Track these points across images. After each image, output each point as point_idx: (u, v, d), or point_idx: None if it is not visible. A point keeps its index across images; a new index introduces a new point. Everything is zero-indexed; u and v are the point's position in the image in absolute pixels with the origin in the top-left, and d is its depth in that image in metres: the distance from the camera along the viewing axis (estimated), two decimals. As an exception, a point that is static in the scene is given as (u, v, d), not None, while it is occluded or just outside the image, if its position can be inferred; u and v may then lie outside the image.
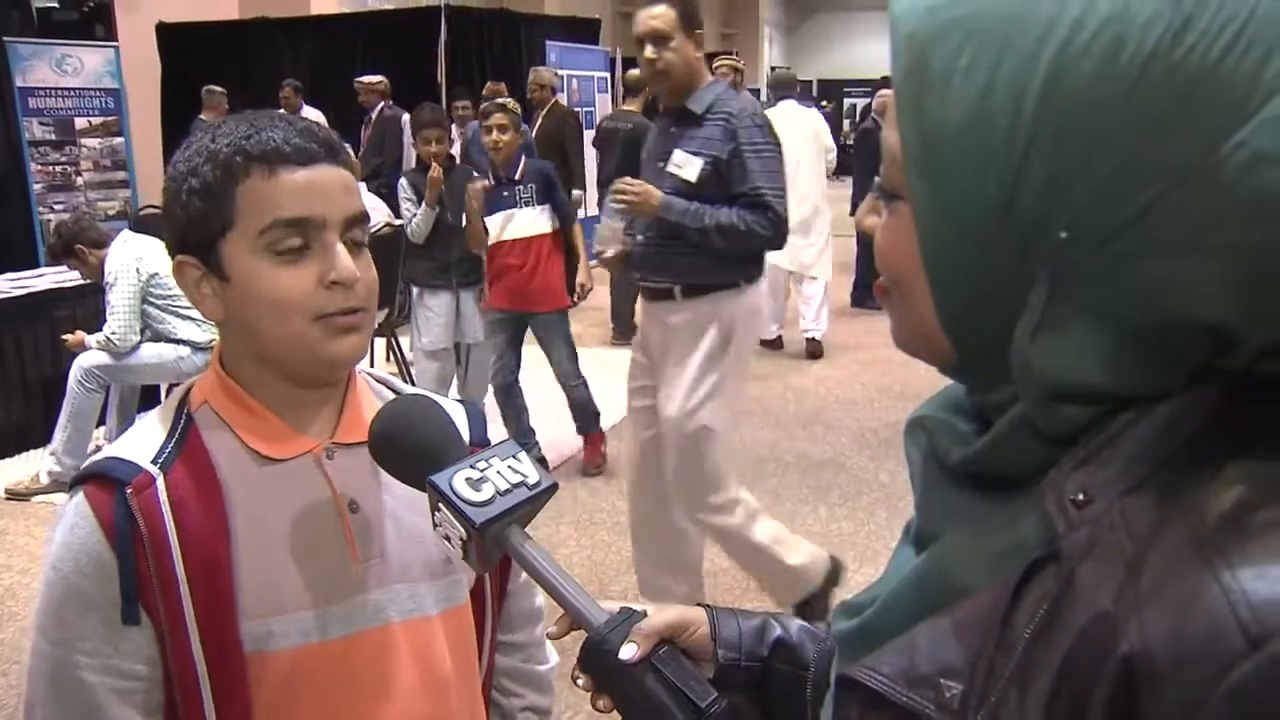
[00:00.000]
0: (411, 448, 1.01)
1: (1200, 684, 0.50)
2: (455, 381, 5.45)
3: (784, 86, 7.98)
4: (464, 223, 5.04)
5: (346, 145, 1.16)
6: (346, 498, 1.15)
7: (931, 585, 0.66)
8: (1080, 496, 0.59)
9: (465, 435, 1.15)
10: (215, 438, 1.13)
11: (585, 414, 5.50)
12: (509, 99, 5.35)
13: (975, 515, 0.66)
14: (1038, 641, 0.57)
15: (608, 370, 7.20)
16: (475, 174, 5.06)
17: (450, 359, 5.35)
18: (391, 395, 1.26)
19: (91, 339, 4.98)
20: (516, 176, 5.02)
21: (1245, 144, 0.53)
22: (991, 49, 0.58)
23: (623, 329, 8.54)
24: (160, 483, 1.08)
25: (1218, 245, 0.54)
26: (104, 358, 5.00)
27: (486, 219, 4.94)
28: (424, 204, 5.13)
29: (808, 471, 5.43)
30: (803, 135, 7.40)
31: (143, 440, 1.12)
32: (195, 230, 1.09)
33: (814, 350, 7.75)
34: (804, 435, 6.01)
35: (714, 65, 8.78)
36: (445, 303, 5.27)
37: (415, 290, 5.36)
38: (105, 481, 1.08)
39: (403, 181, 5.33)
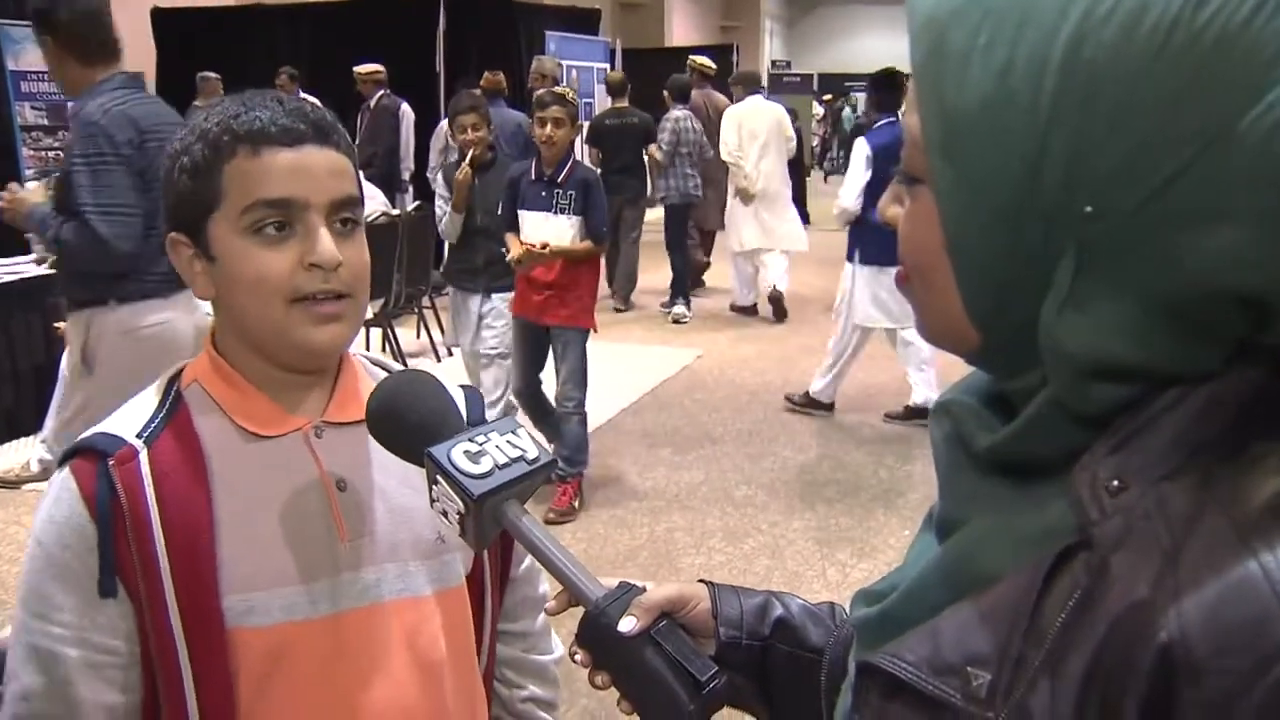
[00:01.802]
0: (409, 422, 1.00)
1: (1244, 674, 0.49)
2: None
3: (750, 83, 9.13)
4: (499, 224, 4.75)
5: (341, 128, 1.14)
6: (335, 476, 1.15)
7: (956, 572, 0.65)
8: (1115, 483, 0.58)
9: (464, 416, 1.13)
10: (203, 415, 1.13)
11: (574, 449, 4.83)
12: (566, 89, 4.95)
13: (1002, 501, 0.65)
14: (1069, 631, 0.56)
15: (606, 359, 7.18)
16: (527, 168, 4.71)
17: (477, 363, 5.06)
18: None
19: (83, 326, 4.93)
20: (560, 178, 4.62)
21: (1276, 105, 0.52)
22: (1010, 25, 0.57)
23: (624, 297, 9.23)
24: (143, 456, 1.08)
25: (1246, 212, 0.53)
26: (96, 345, 4.95)
27: (521, 213, 4.64)
28: (450, 207, 4.83)
29: (805, 467, 5.41)
30: (768, 126, 8.65)
31: (131, 416, 1.13)
32: (185, 208, 1.10)
33: (779, 312, 8.81)
34: (801, 429, 5.98)
35: (695, 65, 9.44)
36: (472, 306, 5.02)
37: (452, 290, 5.18)
38: (90, 454, 1.09)
39: (439, 176, 5.05)
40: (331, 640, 1.13)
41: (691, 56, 10.03)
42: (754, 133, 8.56)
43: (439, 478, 0.93)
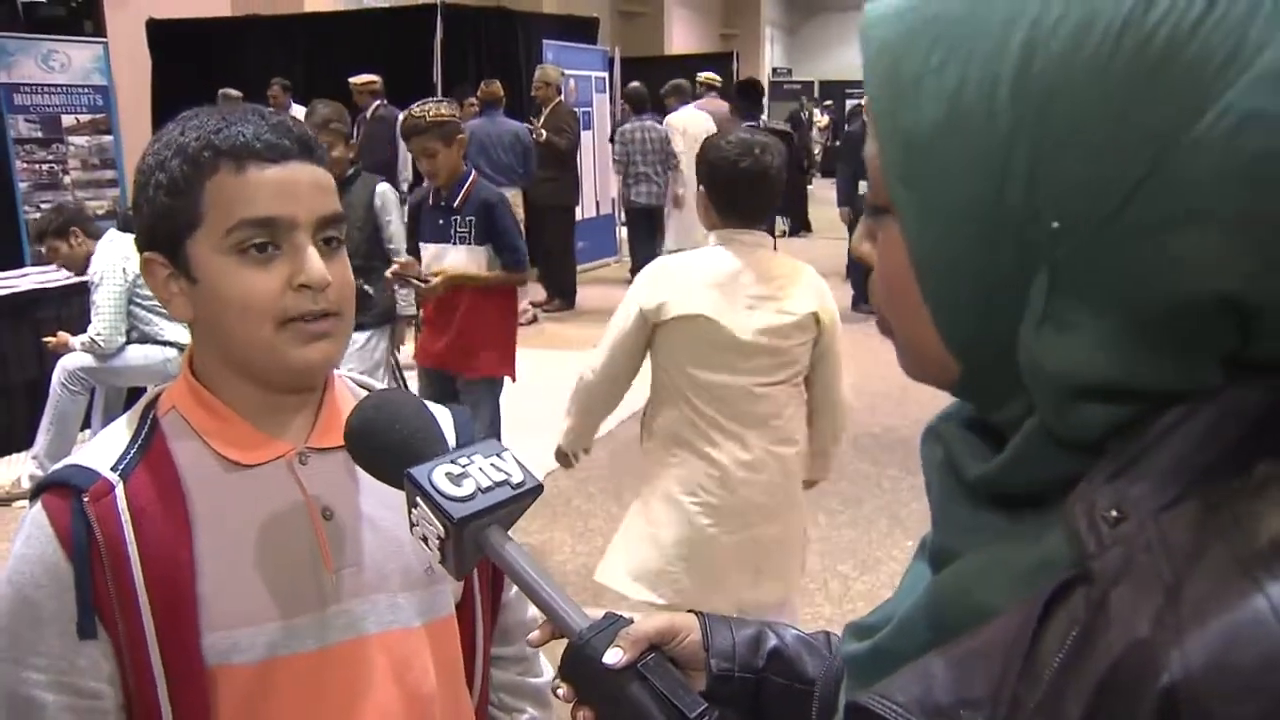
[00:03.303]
0: (390, 442, 0.97)
1: (1254, 717, 0.47)
2: None
3: (681, 95, 9.81)
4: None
5: (322, 144, 1.12)
6: (320, 504, 1.11)
7: (949, 606, 0.63)
8: (1113, 513, 0.55)
9: (452, 442, 1.09)
10: (181, 444, 1.09)
11: None
12: (436, 105, 4.07)
13: (996, 532, 0.63)
14: (1066, 672, 0.53)
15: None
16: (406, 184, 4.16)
17: None
18: None
19: (75, 340, 4.90)
20: (457, 203, 3.99)
21: (1233, 106, 0.51)
22: (962, 44, 0.56)
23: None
24: (119, 490, 1.04)
25: (1215, 214, 0.52)
26: (88, 359, 4.92)
27: (422, 246, 4.09)
28: None
29: (807, 478, 5.34)
30: (699, 135, 9.32)
31: (106, 447, 1.09)
32: (162, 227, 1.06)
33: None
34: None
35: (696, 80, 9.90)
36: None
37: None
38: (63, 490, 1.05)
39: None
40: (318, 675, 1.09)
41: (700, 74, 10.82)
42: (695, 139, 9.08)
43: (419, 500, 0.89)
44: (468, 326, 4.00)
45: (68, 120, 8.44)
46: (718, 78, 10.75)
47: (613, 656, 0.84)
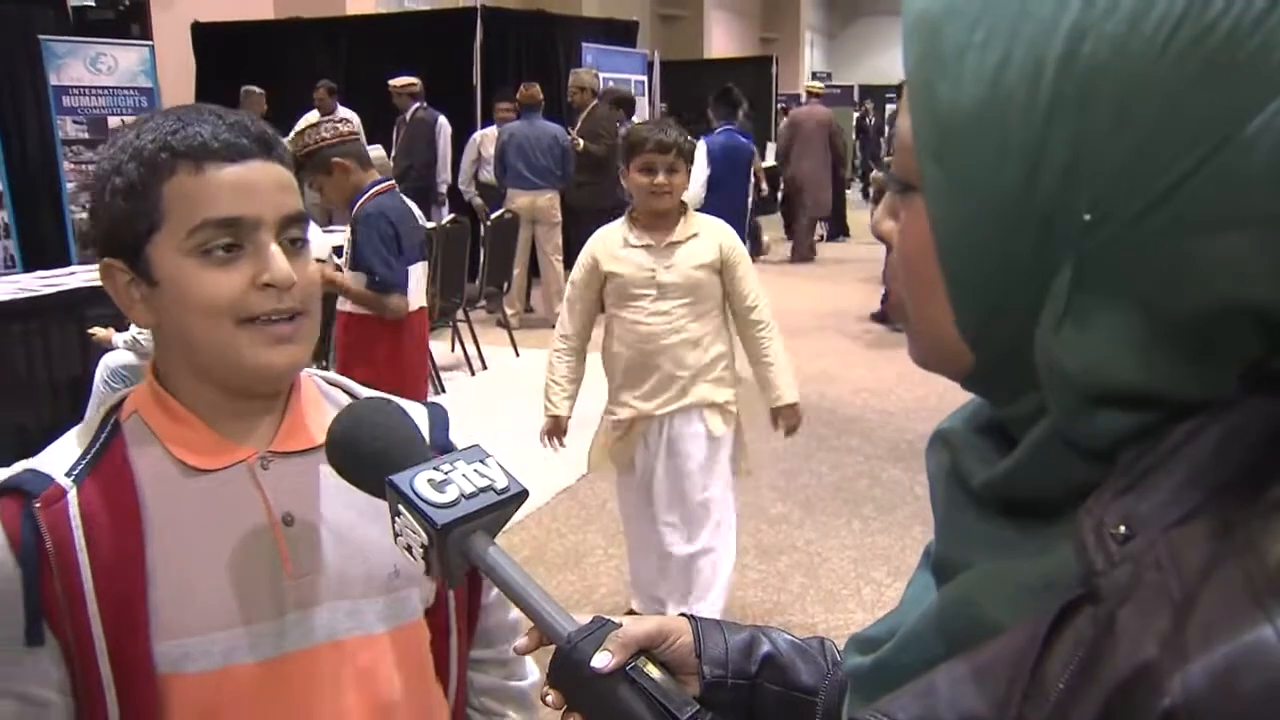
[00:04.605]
0: (371, 451, 0.95)
1: None
2: None
3: (627, 102, 10.34)
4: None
5: (282, 140, 1.10)
6: (281, 509, 1.09)
7: (954, 621, 0.62)
8: (1122, 530, 0.53)
9: (426, 437, 1.08)
10: (141, 449, 1.08)
11: None
12: (299, 135, 3.80)
13: (1002, 544, 0.61)
14: (1072, 693, 0.51)
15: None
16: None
17: None
18: (347, 399, 1.19)
19: (118, 338, 4.95)
20: (350, 222, 3.81)
21: None
22: (1007, 20, 0.54)
23: None
24: (72, 495, 1.02)
25: (1259, 219, 0.50)
26: (131, 357, 4.96)
27: None
28: None
29: (842, 484, 5.33)
30: None
31: (63, 451, 1.07)
32: (121, 232, 1.04)
33: None
34: (838, 445, 5.91)
35: (806, 89, 11.37)
36: None
37: None
38: (16, 495, 1.03)
39: None
40: (276, 684, 1.08)
41: (806, 83, 13.22)
42: None
43: (401, 508, 0.88)
44: (343, 358, 3.77)
45: (114, 121, 8.53)
46: (821, 86, 13.35)
47: (601, 660, 0.83)
